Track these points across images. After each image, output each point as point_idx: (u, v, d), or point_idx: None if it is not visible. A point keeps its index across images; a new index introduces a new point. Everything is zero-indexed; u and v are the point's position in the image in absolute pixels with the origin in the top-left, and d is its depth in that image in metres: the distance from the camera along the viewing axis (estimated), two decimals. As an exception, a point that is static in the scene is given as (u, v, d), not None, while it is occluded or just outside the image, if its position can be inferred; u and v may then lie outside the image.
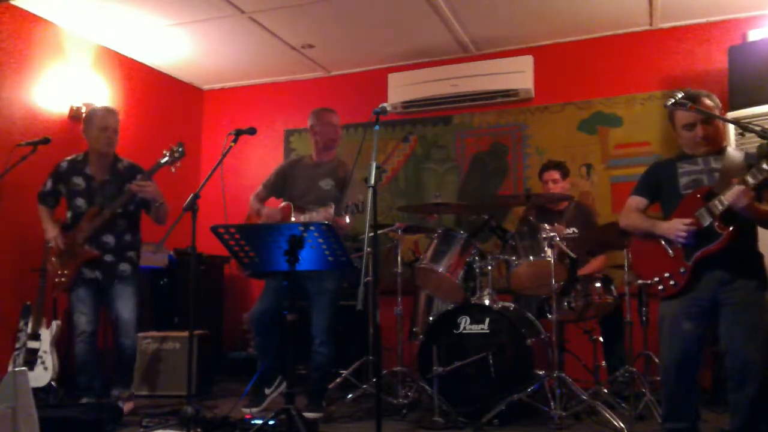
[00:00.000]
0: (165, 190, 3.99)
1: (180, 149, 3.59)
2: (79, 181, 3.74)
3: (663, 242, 2.70)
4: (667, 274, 2.67)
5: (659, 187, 2.84)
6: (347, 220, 3.36)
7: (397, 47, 5.32)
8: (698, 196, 2.63)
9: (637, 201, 2.89)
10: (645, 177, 2.93)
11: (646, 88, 4.93)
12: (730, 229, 2.52)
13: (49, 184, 3.79)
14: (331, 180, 3.83)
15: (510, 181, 5.26)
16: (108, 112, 3.82)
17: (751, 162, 2.56)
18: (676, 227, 2.61)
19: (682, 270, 2.63)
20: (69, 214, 3.75)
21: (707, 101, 2.70)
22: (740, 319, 2.53)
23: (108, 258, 3.70)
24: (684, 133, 2.75)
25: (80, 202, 3.72)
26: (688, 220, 2.60)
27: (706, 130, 2.68)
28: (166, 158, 3.59)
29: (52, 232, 3.71)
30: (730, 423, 2.59)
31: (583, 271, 3.97)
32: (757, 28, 4.60)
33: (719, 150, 2.73)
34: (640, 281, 2.92)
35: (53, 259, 3.71)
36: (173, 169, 3.62)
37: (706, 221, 2.56)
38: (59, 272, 3.67)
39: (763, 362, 2.49)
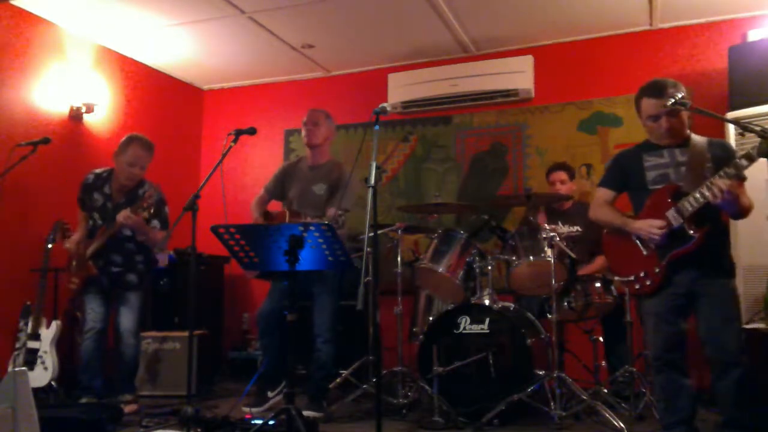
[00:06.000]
0: (165, 189, 3.99)
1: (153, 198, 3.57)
2: (98, 197, 3.84)
3: (637, 241, 2.76)
4: (642, 274, 2.74)
5: (626, 178, 2.89)
6: None
7: (397, 47, 5.32)
8: (666, 194, 2.68)
9: (605, 193, 2.94)
10: (611, 169, 2.98)
11: (646, 88, 4.92)
12: (703, 230, 2.60)
13: (79, 192, 3.90)
14: (324, 184, 3.83)
15: (510, 181, 5.26)
16: (143, 149, 3.75)
17: (715, 151, 2.68)
18: (649, 229, 2.68)
19: (656, 270, 2.70)
20: (90, 223, 3.86)
21: (673, 91, 2.71)
22: (716, 311, 2.65)
23: (115, 270, 3.79)
24: (649, 123, 2.79)
25: (96, 216, 3.82)
26: (660, 222, 2.66)
27: (670, 122, 2.72)
28: (144, 210, 3.54)
29: (74, 238, 3.86)
30: (721, 412, 2.72)
31: (583, 272, 3.98)
32: (757, 28, 4.60)
33: (684, 141, 2.76)
34: (617, 278, 2.96)
35: (72, 262, 3.83)
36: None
37: (677, 222, 2.63)
38: (72, 278, 3.80)
39: (740, 351, 2.62)
